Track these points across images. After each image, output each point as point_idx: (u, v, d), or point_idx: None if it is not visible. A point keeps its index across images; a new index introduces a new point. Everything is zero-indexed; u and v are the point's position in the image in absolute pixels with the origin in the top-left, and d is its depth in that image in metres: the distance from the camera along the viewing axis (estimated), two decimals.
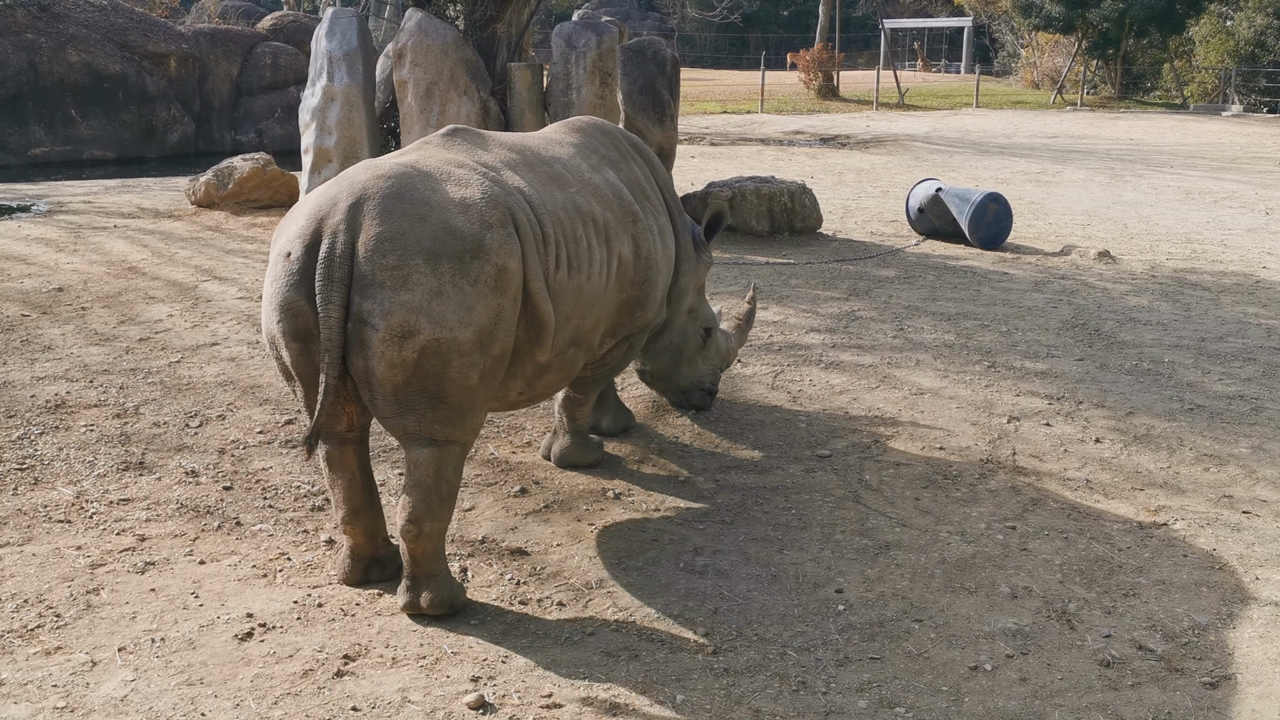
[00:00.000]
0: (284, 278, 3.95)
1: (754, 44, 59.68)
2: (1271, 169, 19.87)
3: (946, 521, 4.97)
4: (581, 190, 4.66)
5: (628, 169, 5.13)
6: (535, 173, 4.53)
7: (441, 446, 4.03)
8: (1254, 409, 6.51)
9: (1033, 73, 44.71)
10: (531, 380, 4.46)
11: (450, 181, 4.14)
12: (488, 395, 4.14)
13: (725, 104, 33.80)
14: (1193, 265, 10.93)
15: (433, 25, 10.58)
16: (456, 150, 4.42)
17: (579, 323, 4.51)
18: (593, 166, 4.90)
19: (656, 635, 4.01)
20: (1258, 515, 5.06)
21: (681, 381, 5.91)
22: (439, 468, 4.03)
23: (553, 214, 4.39)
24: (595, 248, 4.55)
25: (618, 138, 5.27)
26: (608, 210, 4.72)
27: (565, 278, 4.36)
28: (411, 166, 4.16)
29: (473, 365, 3.97)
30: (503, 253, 4.02)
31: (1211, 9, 38.22)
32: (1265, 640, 4.01)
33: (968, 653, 3.92)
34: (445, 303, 3.87)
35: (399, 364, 3.87)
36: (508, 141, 4.68)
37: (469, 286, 3.92)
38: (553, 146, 4.87)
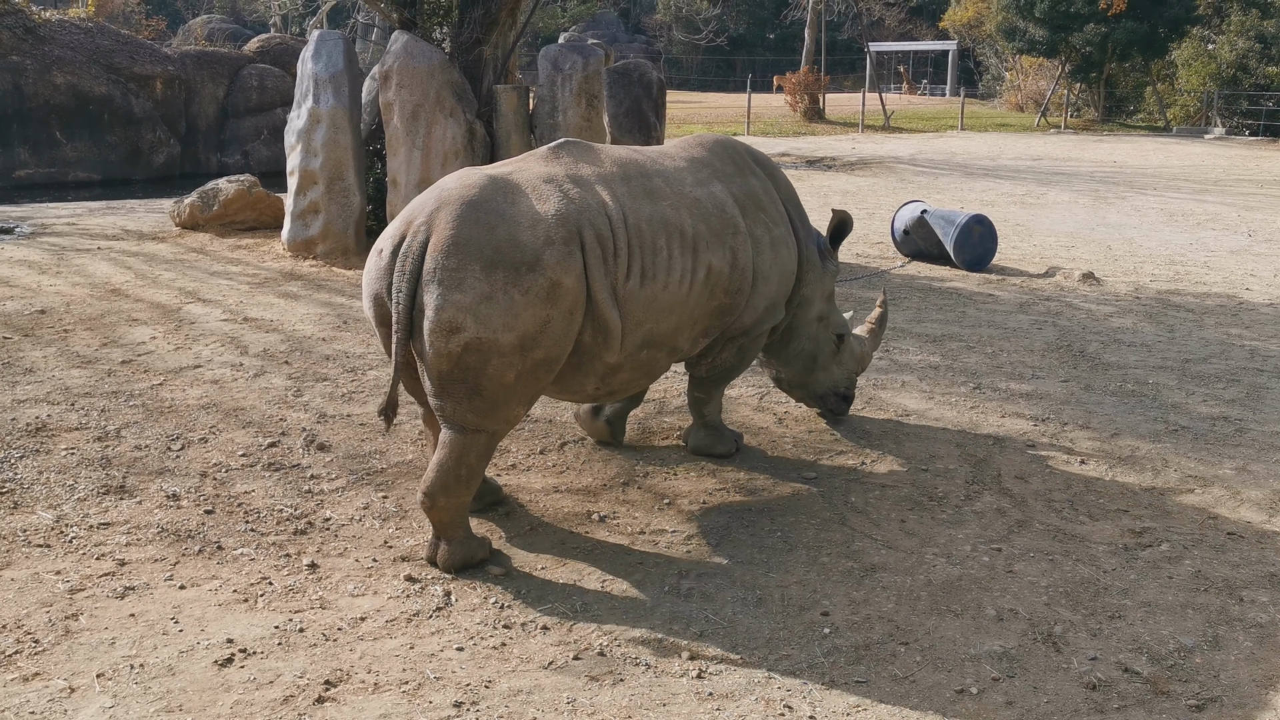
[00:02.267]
0: (373, 271, 4.58)
1: (740, 67, 60.04)
2: (1254, 191, 20.01)
3: (932, 543, 4.96)
4: (676, 203, 4.98)
5: (743, 182, 5.42)
6: (630, 186, 4.87)
7: (469, 434, 4.49)
8: (1238, 430, 6.52)
9: (1017, 96, 45.05)
10: (605, 378, 4.88)
11: (530, 195, 4.57)
12: (526, 393, 4.55)
13: (712, 126, 33.92)
14: (1176, 287, 10.98)
15: (419, 48, 10.60)
16: (556, 164, 4.82)
17: (652, 327, 4.86)
18: (699, 180, 5.20)
19: (641, 659, 3.98)
20: (1243, 537, 5.06)
21: (817, 387, 6.23)
22: (462, 453, 4.49)
23: (634, 226, 4.75)
24: (677, 258, 4.88)
25: (739, 153, 5.58)
26: (702, 222, 5.04)
27: (637, 287, 4.73)
28: (499, 178, 4.61)
29: (510, 365, 4.39)
30: (559, 269, 4.43)
31: (1194, 33, 38.58)
32: (1251, 662, 4.00)
33: (954, 676, 3.90)
34: (493, 307, 4.31)
35: (444, 354, 4.35)
36: (616, 155, 5.03)
37: (520, 296, 4.35)
38: (664, 160, 5.23)
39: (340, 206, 11.03)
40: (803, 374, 6.16)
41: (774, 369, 6.24)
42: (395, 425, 6.34)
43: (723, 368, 5.63)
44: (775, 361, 6.17)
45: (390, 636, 4.10)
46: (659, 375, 5.26)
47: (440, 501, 4.53)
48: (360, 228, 11.22)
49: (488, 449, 4.57)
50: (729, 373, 5.69)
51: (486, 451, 4.57)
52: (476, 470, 4.56)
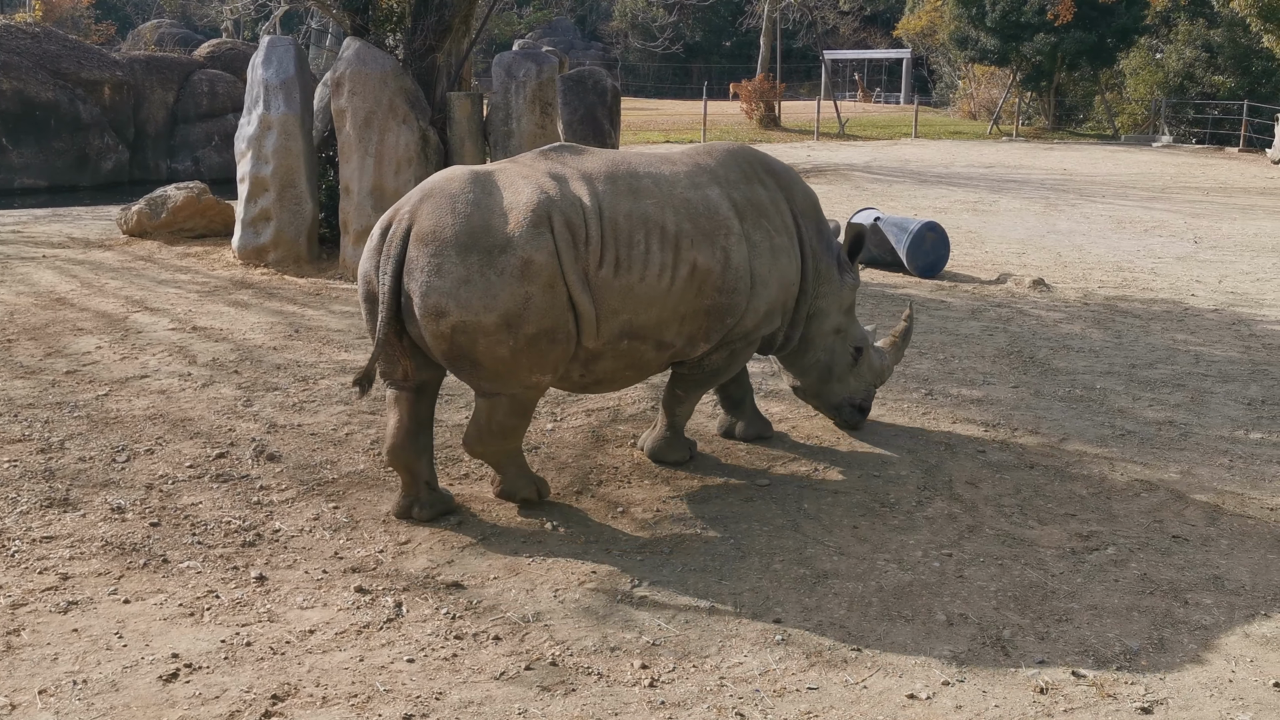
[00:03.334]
0: (365, 252, 4.99)
1: (697, 74, 60.27)
2: (1200, 198, 20.37)
3: (884, 549, 4.98)
4: (661, 202, 5.18)
5: (747, 189, 5.58)
6: (615, 184, 5.12)
7: (491, 398, 4.97)
8: (1183, 434, 6.63)
9: (970, 104, 45.56)
10: (587, 364, 5.12)
11: (506, 188, 4.91)
12: (535, 364, 4.87)
13: (669, 133, 34.03)
14: (1124, 293, 11.15)
15: (371, 54, 10.53)
16: (542, 162, 5.15)
17: (630, 318, 5.05)
18: (695, 184, 5.39)
19: (594, 668, 3.97)
20: (1187, 540, 5.14)
21: (833, 398, 6.33)
22: (490, 413, 5.00)
23: (609, 219, 5.00)
24: (655, 252, 5.07)
25: (749, 162, 5.76)
26: (688, 221, 5.21)
27: (611, 276, 4.96)
28: (480, 173, 5.01)
29: (500, 343, 4.74)
30: (529, 247, 4.73)
31: (1141, 42, 39.23)
32: (1196, 665, 4.05)
33: (904, 681, 3.92)
34: (471, 290, 4.68)
35: (437, 336, 4.76)
36: (607, 157, 5.30)
37: (495, 276, 4.69)
38: (662, 164, 5.43)
39: (292, 214, 10.93)
40: (818, 384, 6.25)
41: (790, 378, 6.36)
42: (347, 435, 6.28)
43: (709, 369, 5.69)
44: (791, 371, 6.28)
45: (339, 649, 4.06)
46: (652, 370, 5.44)
47: (478, 449, 5.11)
48: (312, 235, 11.12)
49: (513, 409, 5.02)
50: (714, 376, 5.73)
51: (513, 411, 5.02)
52: (508, 426, 5.05)
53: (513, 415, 5.04)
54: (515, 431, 5.11)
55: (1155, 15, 38.05)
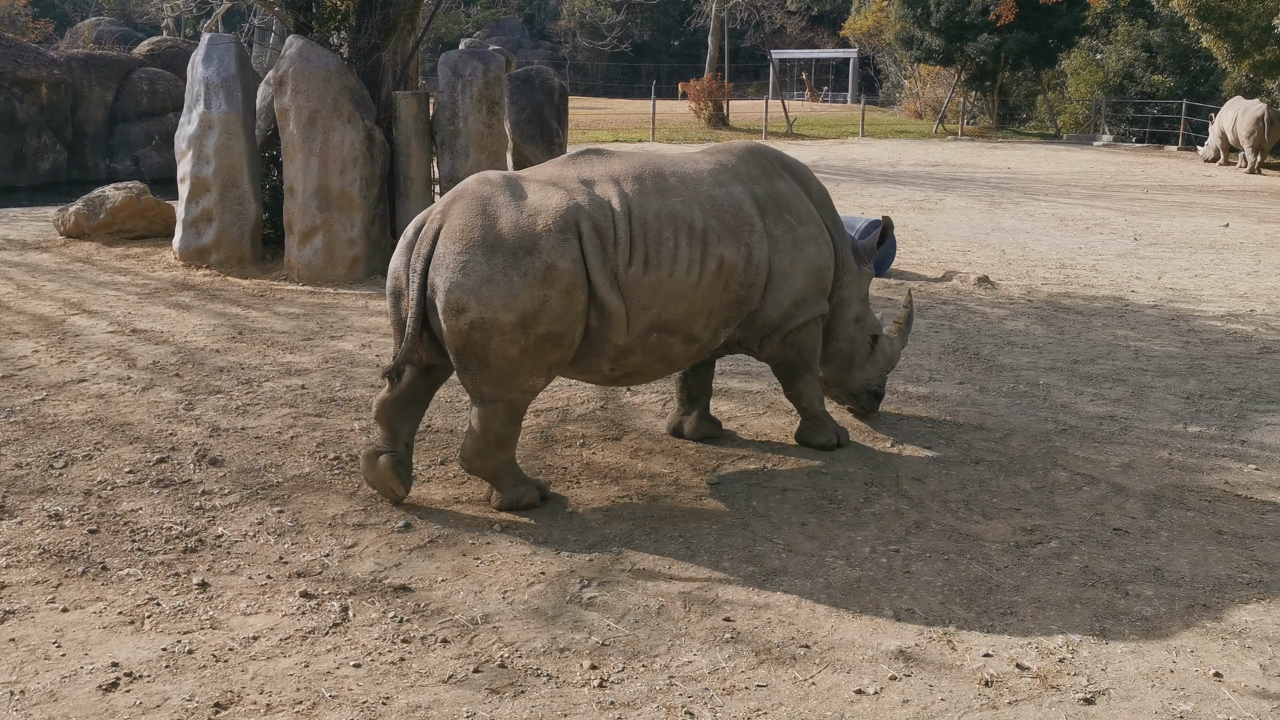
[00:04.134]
0: (397, 249, 5.19)
1: (645, 73, 60.36)
2: (1139, 196, 20.74)
3: (832, 546, 5.01)
4: (688, 200, 5.37)
5: (768, 185, 5.76)
6: (642, 185, 5.31)
7: (488, 404, 5.09)
8: (1124, 429, 6.73)
9: (916, 103, 46.02)
10: (617, 360, 5.30)
11: (535, 192, 5.10)
12: (536, 366, 5.06)
13: (618, 132, 34.02)
14: (1066, 290, 11.31)
15: (314, 52, 10.41)
16: (570, 167, 5.35)
17: (659, 312, 5.24)
18: (719, 182, 5.57)
19: (542, 670, 3.95)
20: (1128, 532, 5.22)
21: (853, 386, 6.49)
22: (487, 422, 5.11)
23: (639, 219, 5.20)
24: (684, 248, 5.27)
25: (768, 159, 5.93)
26: (714, 218, 5.41)
27: (641, 273, 5.16)
28: (511, 177, 5.21)
29: (513, 342, 4.92)
30: (554, 253, 4.93)
31: (1082, 43, 39.85)
32: (1137, 655, 4.12)
33: (852, 677, 3.94)
34: (494, 289, 4.86)
35: (454, 331, 4.94)
36: (634, 159, 5.47)
37: (518, 278, 4.88)
38: (686, 164, 5.63)
39: (235, 214, 10.78)
40: (840, 373, 6.40)
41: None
42: (292, 438, 6.21)
43: (780, 361, 5.96)
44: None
45: (284, 655, 4.00)
46: (682, 364, 5.63)
47: (477, 464, 5.20)
48: (256, 236, 10.97)
49: (510, 416, 5.14)
50: (794, 366, 5.99)
51: (510, 419, 5.14)
52: (504, 435, 5.15)
53: (508, 423, 5.16)
54: (510, 441, 5.20)
55: (1095, 16, 38.66)
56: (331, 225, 10.46)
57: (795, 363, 5.99)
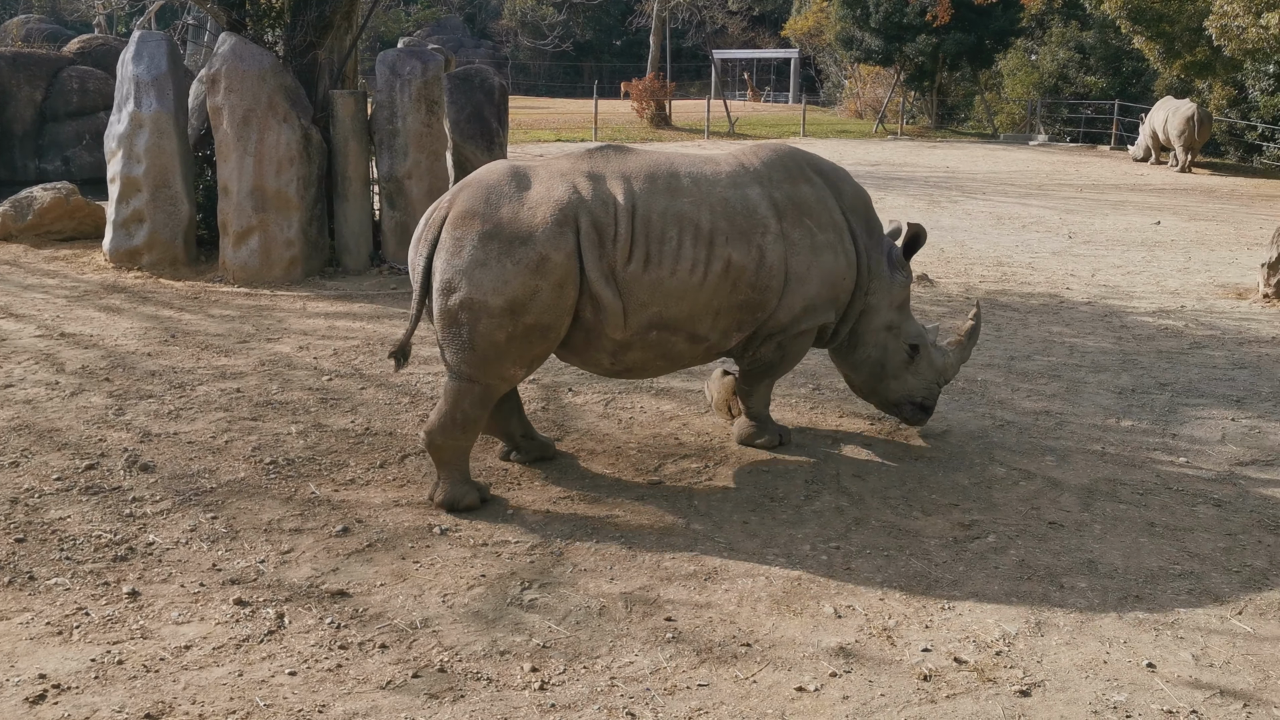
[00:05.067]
0: (413, 239, 5.34)
1: (588, 73, 60.27)
2: (1074, 195, 21.09)
3: (773, 544, 5.02)
4: (698, 201, 5.42)
5: (791, 188, 5.74)
6: (652, 183, 5.38)
7: (464, 383, 5.16)
8: (1058, 424, 6.83)
9: (856, 103, 46.43)
10: (616, 354, 5.42)
11: (540, 184, 5.21)
12: (520, 355, 5.15)
13: (560, 132, 33.92)
14: (1003, 287, 11.46)
15: (248, 50, 10.24)
16: (582, 161, 5.43)
17: (660, 310, 5.31)
18: (735, 184, 5.60)
19: (483, 673, 3.91)
20: (1063, 526, 5.29)
21: (890, 395, 6.34)
22: (457, 399, 5.18)
23: (642, 217, 5.27)
24: (688, 248, 5.32)
25: (796, 162, 5.90)
26: (724, 219, 5.44)
27: (640, 271, 5.24)
28: (519, 168, 5.32)
29: (500, 327, 5.03)
30: (549, 245, 5.04)
31: (1017, 44, 40.46)
32: (1071, 647, 4.17)
33: (793, 674, 3.95)
34: (485, 273, 5.00)
35: (444, 310, 5.08)
36: (650, 157, 5.55)
37: (511, 265, 5.00)
38: (703, 165, 5.66)
39: (167, 215, 10.58)
40: (871, 381, 6.30)
41: (843, 373, 6.45)
42: (226, 443, 6.10)
43: (763, 363, 5.92)
44: (843, 366, 6.38)
45: (217, 664, 3.93)
46: (686, 362, 5.70)
47: (437, 439, 5.22)
48: (190, 237, 10.78)
49: (482, 400, 5.20)
50: (771, 368, 5.98)
51: (480, 402, 5.20)
52: (471, 418, 5.20)
53: (478, 406, 5.22)
54: (473, 426, 5.26)
55: (1030, 18, 39.27)
56: (268, 226, 10.31)
57: (773, 365, 5.95)
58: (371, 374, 7.54)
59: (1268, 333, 9.61)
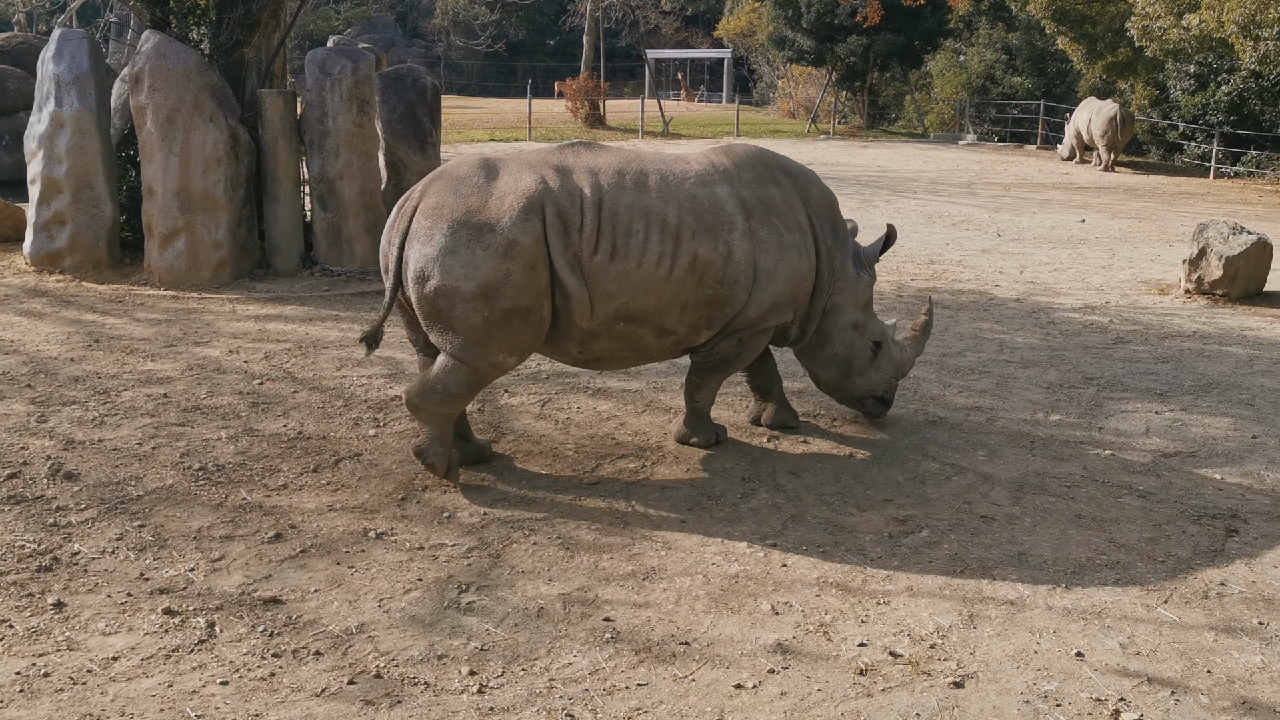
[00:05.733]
0: (386, 227, 5.52)
1: (521, 72, 60.01)
2: (1002, 194, 21.46)
3: (711, 542, 5.04)
4: (665, 196, 5.54)
5: (759, 188, 5.84)
6: (620, 179, 5.51)
7: (453, 361, 5.34)
8: (989, 419, 6.95)
9: (789, 103, 46.80)
10: (583, 343, 5.55)
11: (508, 176, 5.38)
12: (505, 341, 5.30)
13: (494, 132, 33.76)
14: (934, 285, 11.63)
15: (173, 49, 10.04)
16: (553, 155, 5.57)
17: (626, 302, 5.43)
18: (704, 181, 5.70)
19: (420, 678, 3.87)
20: (994, 519, 5.38)
21: (855, 391, 6.53)
22: (442, 374, 5.37)
23: (609, 210, 5.40)
24: (654, 242, 5.43)
25: (765, 164, 6.01)
26: (690, 215, 5.55)
27: (606, 262, 5.36)
28: (489, 160, 5.50)
29: (475, 311, 5.20)
30: (515, 230, 5.20)
31: (946, 45, 41.09)
32: (1003, 638, 4.24)
33: (731, 672, 3.97)
34: (455, 259, 5.17)
35: (420, 298, 5.28)
36: (620, 154, 5.69)
37: (480, 251, 5.17)
38: (673, 163, 5.77)
39: (89, 217, 10.34)
40: (839, 377, 6.46)
41: (810, 370, 6.54)
42: (153, 449, 5.98)
43: (720, 357, 5.98)
44: (811, 365, 6.49)
45: (146, 675, 3.84)
46: (655, 355, 5.80)
47: (415, 402, 5.43)
48: (113, 239, 10.55)
49: (468, 381, 5.38)
50: (726, 363, 6.02)
51: (466, 382, 5.37)
52: (453, 392, 5.38)
53: (464, 385, 5.39)
54: (458, 401, 5.44)
55: (958, 19, 39.91)
56: (195, 227, 10.12)
57: (729, 360, 6.01)
58: (304, 377, 7.43)
59: (1189, 327, 9.86)
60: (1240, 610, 4.51)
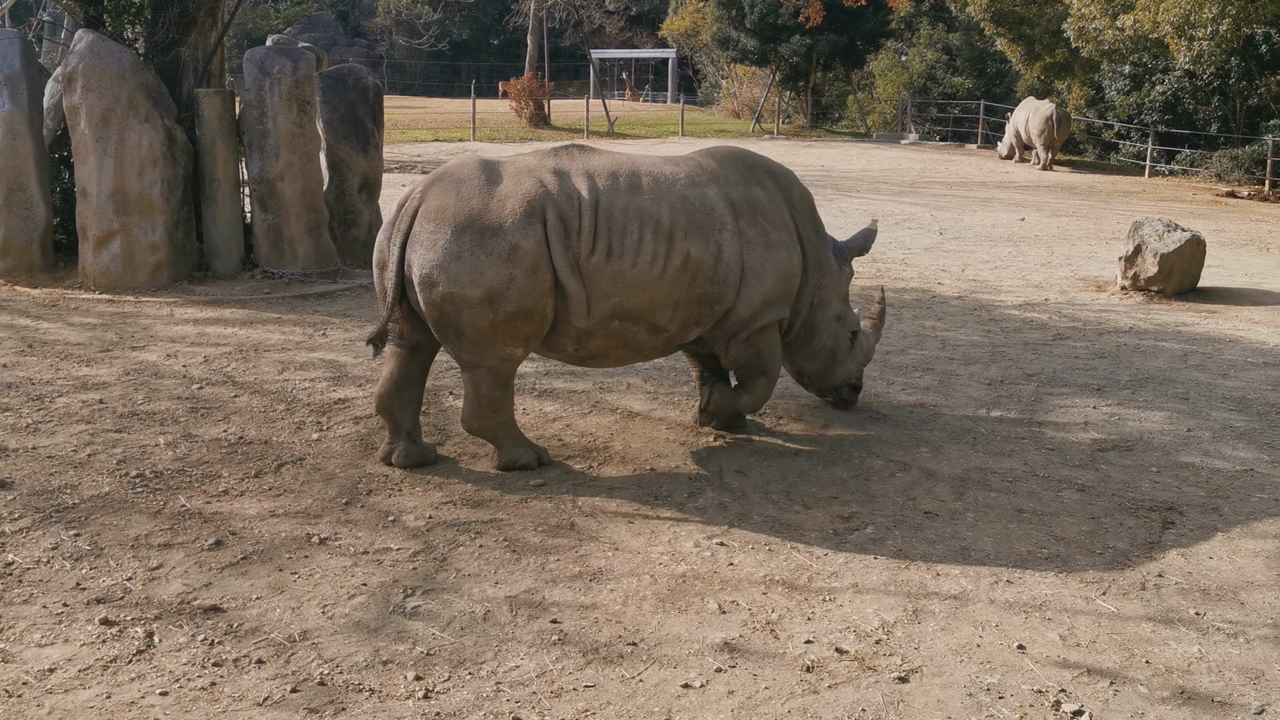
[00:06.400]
0: (383, 225, 5.62)
1: (465, 72, 59.68)
2: (944, 192, 21.72)
3: (657, 542, 5.04)
4: (658, 198, 5.66)
5: (745, 189, 5.99)
6: (614, 181, 5.62)
7: (472, 370, 5.56)
8: (932, 416, 7.02)
9: (733, 103, 46.97)
10: (580, 341, 5.65)
11: (509, 179, 5.46)
12: (511, 338, 5.44)
13: (438, 132, 33.52)
14: (878, 283, 11.72)
15: (107, 48, 9.85)
16: (550, 158, 5.68)
17: (621, 301, 5.54)
18: (694, 183, 5.83)
19: (365, 684, 3.83)
20: (938, 515, 5.44)
21: (834, 380, 6.75)
22: (475, 387, 5.60)
23: (605, 212, 5.51)
24: (648, 242, 5.55)
25: (750, 165, 6.17)
26: (683, 216, 5.68)
27: (603, 262, 5.47)
28: (489, 163, 5.58)
29: (482, 315, 5.32)
30: (518, 234, 5.32)
31: (888, 45, 41.51)
32: (947, 633, 4.29)
33: (679, 671, 3.97)
34: (461, 265, 5.28)
35: (428, 304, 5.39)
36: (614, 157, 5.81)
37: (484, 256, 5.28)
38: (663, 165, 5.90)
39: (21, 219, 10.12)
40: (824, 369, 6.67)
41: (795, 365, 6.68)
42: (89, 456, 5.86)
43: (742, 363, 6.17)
44: (799, 358, 6.63)
45: (84, 687, 3.76)
46: (648, 353, 5.92)
47: (475, 425, 5.68)
48: (47, 242, 10.33)
49: (495, 380, 5.57)
50: (753, 367, 6.21)
51: (495, 383, 5.57)
52: (494, 398, 5.60)
53: (495, 386, 5.58)
54: (502, 403, 5.65)
55: (899, 19, 40.32)
56: (130, 229, 9.94)
57: (754, 364, 6.19)
58: (245, 381, 7.33)
59: (1125, 323, 10.05)
60: (1177, 601, 4.60)
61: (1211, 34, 21.07)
